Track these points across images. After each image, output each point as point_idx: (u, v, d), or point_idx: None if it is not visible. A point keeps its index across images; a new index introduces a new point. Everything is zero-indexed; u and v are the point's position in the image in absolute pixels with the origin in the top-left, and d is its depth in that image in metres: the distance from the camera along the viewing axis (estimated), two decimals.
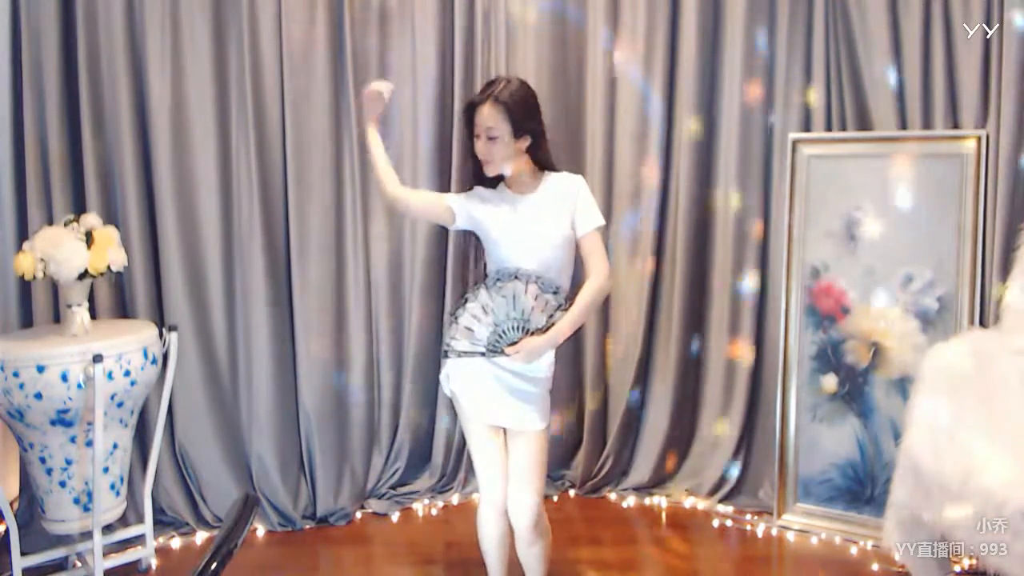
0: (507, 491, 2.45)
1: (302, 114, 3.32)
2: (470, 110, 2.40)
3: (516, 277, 2.36)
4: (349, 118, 3.38)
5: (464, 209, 2.46)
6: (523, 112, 2.36)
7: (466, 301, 2.41)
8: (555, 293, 2.37)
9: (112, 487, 2.88)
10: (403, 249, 3.55)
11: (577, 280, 2.47)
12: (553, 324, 2.35)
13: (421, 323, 3.57)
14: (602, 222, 2.45)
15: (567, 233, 2.41)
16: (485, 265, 2.52)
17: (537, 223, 2.40)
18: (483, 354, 2.38)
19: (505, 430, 2.47)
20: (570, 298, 2.39)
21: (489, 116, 2.35)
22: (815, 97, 3.38)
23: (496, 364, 2.39)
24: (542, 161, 2.44)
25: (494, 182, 2.47)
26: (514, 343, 2.35)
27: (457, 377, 2.46)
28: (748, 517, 3.43)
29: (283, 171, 3.34)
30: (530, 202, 2.43)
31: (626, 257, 3.67)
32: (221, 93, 3.27)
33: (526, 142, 2.39)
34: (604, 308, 3.68)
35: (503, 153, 2.37)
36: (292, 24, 3.27)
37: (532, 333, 2.35)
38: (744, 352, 3.58)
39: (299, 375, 3.41)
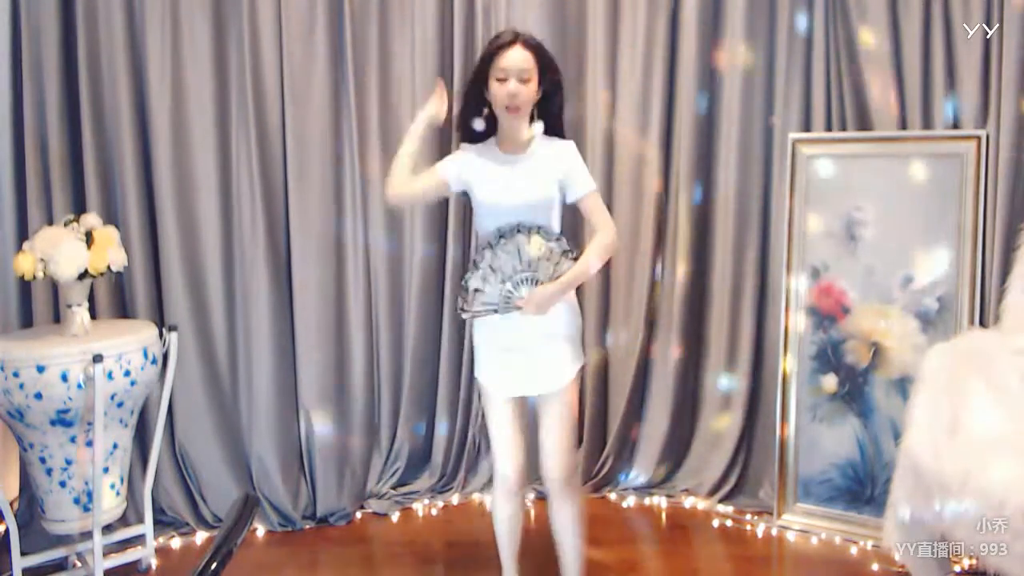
0: (522, 463, 2.48)
1: (302, 113, 3.32)
2: (490, 57, 2.34)
3: (518, 230, 2.35)
4: (350, 117, 3.38)
5: (456, 174, 2.44)
6: (549, 58, 2.37)
7: (475, 264, 2.40)
8: (558, 240, 2.37)
9: (112, 487, 2.88)
10: (403, 249, 3.55)
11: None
12: (562, 274, 2.35)
13: (421, 323, 3.57)
14: (595, 185, 2.45)
15: (556, 196, 2.40)
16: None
17: (528, 183, 2.38)
18: (496, 311, 2.36)
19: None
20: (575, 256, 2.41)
21: (522, 58, 2.31)
22: (815, 97, 3.38)
23: (516, 329, 2.37)
24: (555, 120, 2.43)
25: (483, 137, 2.46)
26: (529, 279, 2.34)
27: (477, 363, 2.48)
28: (748, 517, 3.43)
29: (283, 171, 3.34)
30: (522, 163, 2.41)
31: (627, 256, 3.66)
32: (221, 92, 3.27)
33: (539, 95, 2.37)
34: (604, 308, 3.69)
35: (531, 99, 2.34)
36: (292, 24, 3.27)
37: (541, 283, 2.34)
38: (744, 352, 3.58)
39: (299, 375, 3.41)
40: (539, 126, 2.43)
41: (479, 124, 2.44)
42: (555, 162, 2.41)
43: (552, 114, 2.44)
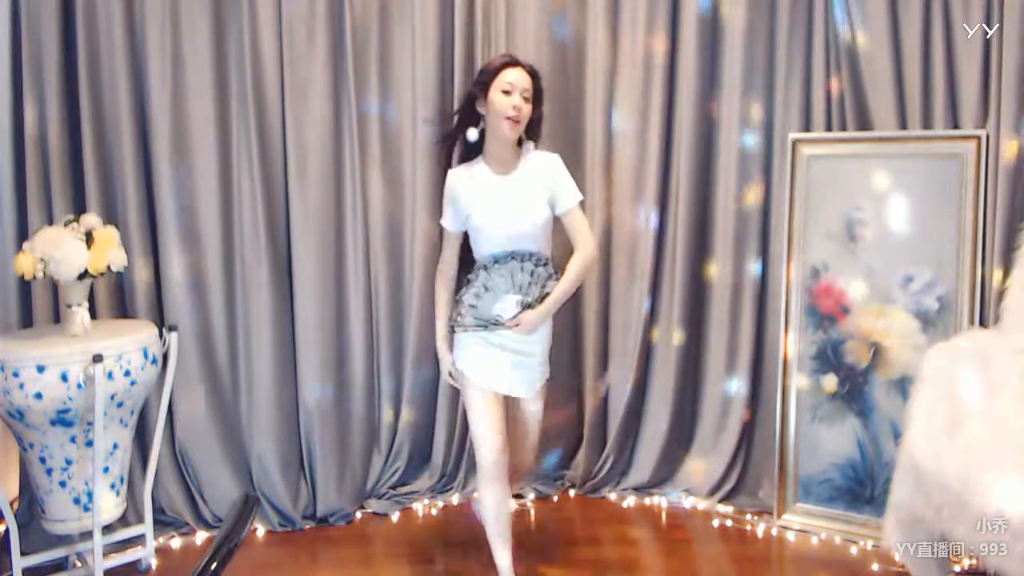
0: (509, 451, 2.66)
1: (302, 113, 3.32)
2: (496, 69, 2.57)
3: (512, 257, 2.57)
4: (350, 116, 3.38)
5: (458, 223, 2.67)
6: (542, 89, 2.65)
7: (469, 282, 2.62)
8: (545, 266, 2.61)
9: (112, 487, 2.88)
10: (403, 249, 3.55)
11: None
12: (547, 294, 2.58)
13: (421, 323, 3.56)
14: (581, 196, 2.66)
15: (548, 215, 2.61)
16: (471, 249, 2.71)
17: (522, 208, 2.58)
18: (486, 327, 2.59)
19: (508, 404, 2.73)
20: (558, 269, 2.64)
21: (527, 79, 2.58)
22: (815, 97, 3.38)
23: (500, 345, 2.60)
24: (536, 135, 2.69)
25: (469, 156, 2.67)
26: (513, 317, 2.57)
27: (463, 356, 2.65)
28: (748, 517, 3.44)
29: (283, 170, 3.34)
30: (514, 180, 2.62)
31: (626, 257, 3.66)
32: (221, 92, 3.27)
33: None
34: (604, 308, 3.69)
35: (528, 116, 2.59)
36: (292, 23, 3.27)
37: (529, 306, 2.58)
38: (744, 352, 3.58)
39: (299, 375, 3.41)
40: (531, 145, 2.67)
41: (473, 135, 2.63)
42: (543, 176, 2.62)
43: (538, 132, 2.71)
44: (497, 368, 2.61)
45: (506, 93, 2.53)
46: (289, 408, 3.41)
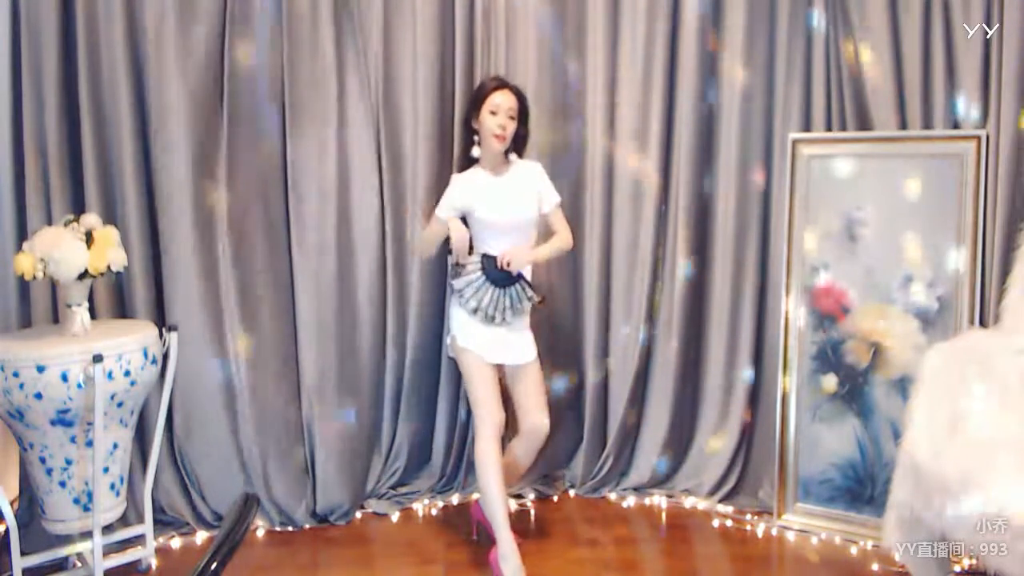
0: (526, 418, 3.03)
1: (302, 113, 3.32)
2: (486, 93, 2.95)
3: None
4: (352, 119, 3.38)
5: (453, 212, 2.98)
6: (527, 108, 3.04)
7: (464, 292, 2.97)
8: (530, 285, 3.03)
9: (112, 487, 2.88)
10: (405, 248, 3.54)
11: None
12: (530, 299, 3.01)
13: (422, 322, 3.56)
14: (559, 198, 3.10)
15: (536, 207, 3.02)
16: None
17: (516, 194, 2.99)
18: (486, 319, 2.95)
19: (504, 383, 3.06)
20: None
21: (512, 100, 2.96)
22: (815, 97, 3.38)
23: (501, 309, 2.95)
24: (520, 149, 3.06)
25: (466, 166, 3.04)
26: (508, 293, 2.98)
27: (463, 332, 2.97)
28: (748, 517, 3.44)
29: (283, 170, 3.34)
30: (506, 180, 3.01)
31: (626, 256, 3.66)
32: (221, 92, 3.26)
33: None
34: (605, 307, 3.69)
35: (513, 133, 2.97)
36: (293, 23, 3.27)
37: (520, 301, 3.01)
38: (744, 352, 3.58)
39: (300, 375, 3.41)
40: (515, 156, 3.04)
41: (477, 151, 3.00)
42: (531, 179, 3.04)
43: (520, 144, 3.06)
44: (493, 341, 2.96)
45: (493, 113, 2.93)
46: (290, 408, 3.41)
